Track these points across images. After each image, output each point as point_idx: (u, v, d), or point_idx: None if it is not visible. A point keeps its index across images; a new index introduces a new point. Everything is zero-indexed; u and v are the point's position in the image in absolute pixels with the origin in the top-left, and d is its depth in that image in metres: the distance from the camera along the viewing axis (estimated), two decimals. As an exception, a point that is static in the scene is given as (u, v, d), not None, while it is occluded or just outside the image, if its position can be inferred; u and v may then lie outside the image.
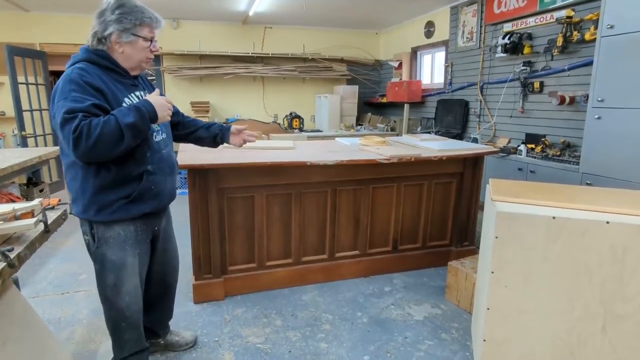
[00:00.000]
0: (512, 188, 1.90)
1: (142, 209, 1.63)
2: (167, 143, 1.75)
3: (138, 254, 1.70)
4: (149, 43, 1.61)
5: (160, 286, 2.00)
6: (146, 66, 1.70)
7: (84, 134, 1.36)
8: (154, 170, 1.63)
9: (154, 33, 1.62)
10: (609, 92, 2.91)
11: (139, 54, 1.60)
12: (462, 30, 5.18)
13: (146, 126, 1.51)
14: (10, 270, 1.27)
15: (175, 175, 1.79)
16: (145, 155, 1.60)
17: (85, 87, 1.45)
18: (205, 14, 6.04)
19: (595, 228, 1.48)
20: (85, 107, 1.41)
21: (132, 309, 1.74)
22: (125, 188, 1.58)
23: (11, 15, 5.79)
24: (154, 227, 1.79)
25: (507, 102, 4.50)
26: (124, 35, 1.55)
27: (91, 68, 1.52)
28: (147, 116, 1.49)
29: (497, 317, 1.69)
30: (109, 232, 1.63)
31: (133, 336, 1.79)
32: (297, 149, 3.06)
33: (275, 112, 7.05)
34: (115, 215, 1.59)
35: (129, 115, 1.44)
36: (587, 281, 1.54)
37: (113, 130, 1.40)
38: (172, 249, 2.01)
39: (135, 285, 1.72)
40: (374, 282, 2.96)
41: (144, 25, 1.58)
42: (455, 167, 3.06)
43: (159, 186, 1.67)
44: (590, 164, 3.08)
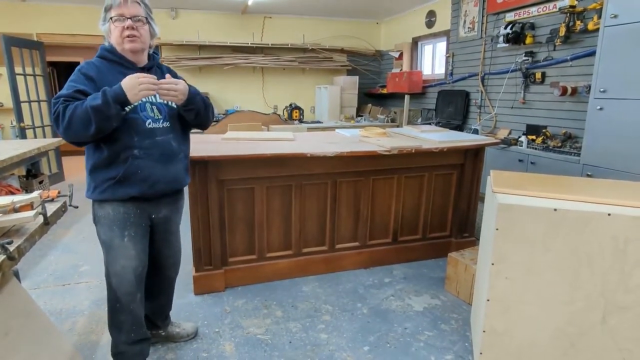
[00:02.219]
0: (513, 180, 1.89)
1: (128, 192, 1.65)
2: (167, 132, 1.71)
3: (128, 236, 1.70)
4: (120, 22, 1.61)
5: (159, 277, 2.00)
6: (132, 45, 1.63)
7: (60, 116, 1.49)
8: (140, 154, 1.63)
9: (120, 10, 1.60)
10: (611, 83, 2.89)
11: (116, 37, 1.63)
12: (463, 20, 5.13)
13: (109, 108, 1.47)
14: (10, 263, 1.27)
15: (173, 165, 1.74)
16: (133, 139, 1.61)
17: (79, 77, 1.59)
18: (204, 4, 5.98)
19: (597, 220, 1.47)
20: (69, 93, 1.52)
21: (122, 291, 1.75)
22: (112, 169, 1.63)
23: (7, 5, 5.73)
24: (151, 214, 1.78)
25: (508, 93, 4.47)
26: (104, 27, 1.67)
27: (99, 62, 1.66)
28: (110, 99, 1.47)
29: (498, 308, 1.70)
30: (101, 211, 1.71)
31: (128, 319, 1.80)
32: (297, 141, 3.05)
33: (275, 103, 7.02)
34: (104, 194, 1.66)
35: (96, 99, 1.48)
36: (588, 273, 1.54)
37: (82, 112, 1.47)
38: (175, 242, 1.98)
39: (124, 267, 1.72)
40: (374, 274, 2.96)
41: (109, 9, 1.63)
42: (455, 158, 3.05)
43: (146, 171, 1.65)
44: (592, 155, 3.07)
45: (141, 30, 1.65)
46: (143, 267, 1.78)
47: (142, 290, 1.83)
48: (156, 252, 1.91)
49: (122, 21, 1.61)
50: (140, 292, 1.81)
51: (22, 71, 5.33)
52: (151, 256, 1.88)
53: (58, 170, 5.88)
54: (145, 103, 1.67)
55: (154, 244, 1.87)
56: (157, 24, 1.77)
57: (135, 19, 1.62)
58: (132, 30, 1.61)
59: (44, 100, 5.82)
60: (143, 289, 1.84)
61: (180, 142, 1.78)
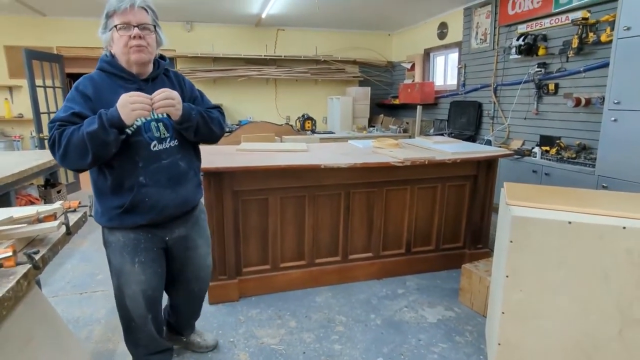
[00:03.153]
0: (527, 192, 1.89)
1: (136, 221, 1.58)
2: (175, 151, 1.61)
3: (138, 262, 1.65)
4: (125, 30, 1.47)
5: (184, 292, 1.95)
6: (139, 56, 1.50)
7: (56, 144, 1.39)
8: (146, 182, 1.54)
9: (125, 17, 1.46)
10: (625, 95, 2.88)
11: (120, 47, 1.50)
12: (475, 31, 5.15)
13: (106, 132, 1.36)
14: (35, 272, 1.31)
15: (182, 186, 1.65)
16: (137, 166, 1.52)
17: (75, 96, 1.48)
18: (219, 17, 6.11)
19: (612, 233, 1.47)
20: (65, 117, 1.42)
21: (136, 313, 1.74)
22: (118, 198, 1.55)
23: (29, 19, 5.93)
24: (164, 237, 1.71)
25: (521, 104, 4.46)
26: (105, 35, 1.54)
27: (98, 75, 1.55)
28: (106, 123, 1.36)
29: (512, 321, 1.69)
30: (111, 237, 1.66)
31: (144, 336, 1.82)
32: (310, 152, 3.08)
33: (288, 114, 7.09)
34: (112, 222, 1.60)
35: (93, 124, 1.37)
36: (603, 286, 1.53)
37: (78, 140, 1.37)
38: (198, 257, 1.86)
39: (136, 292, 1.69)
40: (387, 285, 2.96)
41: (112, 16, 1.49)
42: (469, 169, 3.06)
43: (154, 198, 1.56)
44: (607, 166, 3.04)
45: (149, 39, 1.51)
46: (153, 291, 1.74)
47: (156, 309, 1.81)
48: (177, 271, 1.85)
49: (127, 30, 1.47)
50: (153, 312, 1.79)
51: (42, 83, 5.50)
52: (173, 274, 1.85)
53: (75, 179, 6.00)
54: (150, 122, 1.56)
55: (174, 263, 1.82)
56: (170, 37, 1.66)
57: (142, 27, 1.49)
58: (139, 40, 1.47)
59: (63, 112, 5.97)
60: (158, 307, 1.83)
61: (189, 160, 1.70)
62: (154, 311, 1.80)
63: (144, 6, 1.51)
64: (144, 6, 1.51)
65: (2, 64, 5.99)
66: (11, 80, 6.05)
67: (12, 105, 6.14)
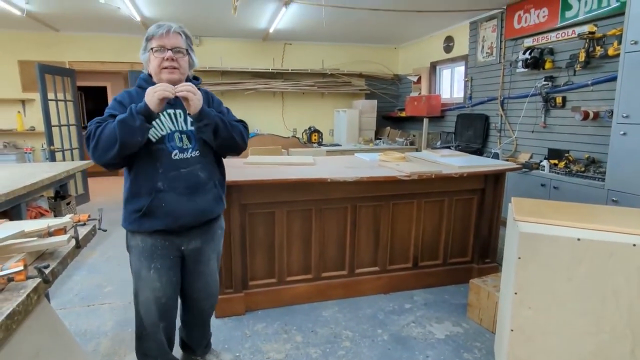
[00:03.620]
0: (535, 207, 1.88)
1: (154, 225, 1.66)
2: (195, 162, 1.68)
3: (154, 268, 1.71)
4: (160, 52, 1.61)
5: (193, 309, 1.97)
6: (170, 76, 1.62)
7: (91, 136, 1.54)
8: (164, 188, 1.63)
9: (161, 41, 1.61)
10: (634, 108, 2.87)
11: (155, 67, 1.64)
12: (481, 45, 5.18)
13: (136, 120, 1.48)
14: (45, 286, 1.32)
15: (200, 196, 1.71)
16: (157, 172, 1.62)
17: (114, 104, 1.65)
18: (227, 32, 6.21)
19: (622, 250, 1.45)
20: (103, 117, 1.59)
21: (147, 322, 1.77)
22: (138, 201, 1.65)
23: (43, 35, 6.08)
24: (180, 246, 1.76)
25: (528, 117, 4.46)
26: (144, 56, 1.69)
27: (135, 91, 1.70)
28: (134, 111, 1.49)
29: (521, 338, 1.67)
30: (133, 241, 1.75)
31: (154, 346, 1.83)
32: (317, 165, 3.10)
33: (294, 127, 7.14)
34: (132, 226, 1.70)
35: (122, 115, 1.52)
36: (613, 303, 1.50)
37: (110, 129, 1.51)
38: (207, 273, 1.89)
39: (149, 298, 1.73)
40: (394, 299, 2.94)
41: (151, 39, 1.64)
42: (476, 183, 3.04)
43: (170, 205, 1.64)
44: (616, 180, 3.02)
45: (181, 61, 1.64)
46: (167, 299, 1.77)
47: (168, 319, 1.83)
48: (187, 284, 1.87)
49: (162, 52, 1.60)
50: (165, 321, 1.81)
51: (54, 97, 5.60)
52: (184, 286, 1.87)
53: (84, 191, 6.07)
54: (174, 132, 1.65)
55: (185, 275, 1.85)
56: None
57: (176, 50, 1.62)
58: (171, 61, 1.61)
59: (73, 124, 6.07)
60: (171, 318, 1.85)
61: (210, 171, 1.75)
62: (166, 320, 1.82)
63: (179, 31, 1.65)
64: (179, 31, 1.65)
65: (15, 78, 6.13)
66: (24, 94, 6.18)
67: (24, 118, 6.26)
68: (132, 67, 6.38)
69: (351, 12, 4.77)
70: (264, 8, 4.84)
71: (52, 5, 4.61)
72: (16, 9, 4.61)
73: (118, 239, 4.26)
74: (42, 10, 4.89)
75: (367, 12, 4.80)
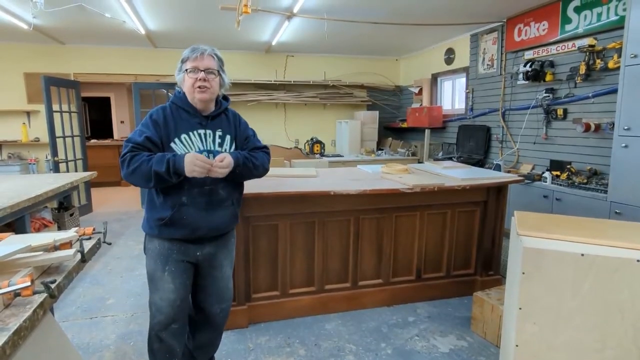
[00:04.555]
0: (538, 222, 1.88)
1: (172, 234, 1.78)
2: (216, 180, 1.77)
3: (169, 270, 1.80)
4: (194, 73, 1.74)
5: (204, 313, 1.99)
6: (202, 95, 1.75)
7: (126, 163, 1.66)
8: (188, 202, 1.75)
9: (195, 63, 1.74)
10: (635, 121, 2.88)
11: (188, 87, 1.76)
12: (482, 57, 5.22)
13: (170, 176, 1.64)
14: (51, 301, 1.33)
15: (218, 212, 1.82)
16: (183, 187, 1.74)
17: (149, 123, 1.75)
18: (231, 44, 6.28)
19: (626, 266, 1.45)
20: (140, 141, 1.69)
21: (157, 320, 1.83)
22: (162, 211, 1.76)
23: (49, 48, 6.16)
24: (195, 252, 1.84)
25: (530, 129, 4.48)
26: (179, 76, 1.82)
27: (169, 107, 1.81)
28: (171, 170, 1.63)
29: (526, 354, 1.66)
30: (150, 245, 1.85)
31: (161, 348, 1.86)
32: (319, 177, 3.11)
33: (297, 137, 7.18)
34: (153, 231, 1.81)
35: (161, 164, 1.63)
36: (619, 319, 1.50)
37: (145, 170, 1.64)
38: (222, 278, 1.96)
39: (162, 298, 1.81)
40: (398, 312, 2.93)
41: (186, 61, 1.77)
42: (478, 195, 3.05)
43: (191, 218, 1.76)
44: (619, 192, 3.02)
45: (212, 82, 1.76)
46: (181, 301, 1.83)
47: (180, 322, 1.86)
48: (201, 286, 1.94)
49: (195, 73, 1.73)
50: (177, 323, 1.84)
51: (59, 108, 5.66)
52: (197, 291, 1.94)
53: (87, 201, 6.09)
54: (202, 152, 1.78)
55: (199, 279, 1.92)
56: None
57: (209, 72, 1.74)
58: (203, 82, 1.73)
59: (78, 136, 6.12)
60: (183, 321, 1.88)
61: (230, 191, 1.85)
62: (178, 323, 1.85)
63: (212, 54, 1.79)
64: (212, 54, 1.79)
65: (21, 90, 6.19)
66: (29, 105, 6.25)
67: (29, 130, 6.31)
68: (137, 78, 6.45)
69: (353, 25, 4.83)
70: (267, 21, 4.90)
71: (59, 19, 4.68)
72: (24, 23, 4.68)
73: (120, 251, 4.27)
74: (49, 24, 4.97)
75: (368, 25, 4.86)
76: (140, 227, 1.90)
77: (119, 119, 9.95)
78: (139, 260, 3.99)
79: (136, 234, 4.85)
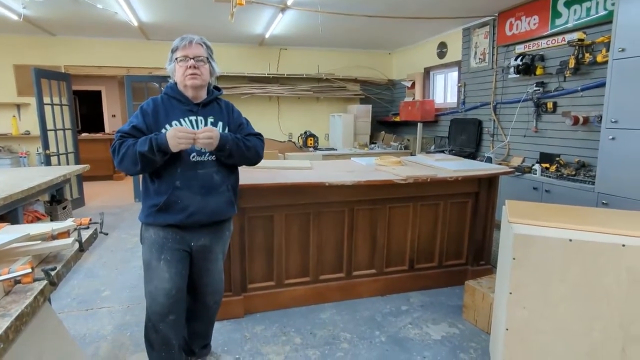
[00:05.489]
0: (528, 210, 1.94)
1: (167, 219, 1.79)
2: (211, 165, 1.82)
3: (164, 259, 1.81)
4: (184, 61, 1.78)
5: (197, 303, 2.04)
6: (193, 81, 1.79)
7: (116, 151, 1.72)
8: (181, 185, 1.78)
9: (184, 51, 1.78)
10: (622, 114, 2.95)
11: (179, 75, 1.81)
12: (474, 51, 5.27)
13: (154, 154, 1.66)
14: (51, 288, 1.35)
15: (213, 197, 1.83)
16: (176, 170, 1.77)
17: (138, 113, 1.81)
18: (224, 37, 6.26)
19: (612, 251, 1.51)
20: (127, 129, 1.76)
21: (152, 310, 1.85)
22: (156, 197, 1.79)
23: (39, 39, 6.08)
24: (190, 241, 1.86)
25: (520, 122, 4.54)
26: (169, 66, 1.87)
27: (160, 98, 1.87)
28: (154, 147, 1.65)
29: (516, 338, 1.72)
30: (146, 234, 1.88)
31: (157, 338, 1.88)
32: (314, 169, 3.14)
33: (290, 131, 7.19)
34: (148, 219, 1.83)
35: (144, 145, 1.66)
36: (605, 303, 1.56)
37: (131, 154, 1.69)
38: (214, 270, 2.00)
39: (157, 287, 1.82)
40: (391, 301, 2.98)
41: (176, 50, 1.82)
42: (470, 186, 3.11)
43: (185, 201, 1.78)
44: (606, 184, 3.10)
45: (202, 69, 1.80)
46: (177, 291, 1.84)
47: (177, 313, 1.87)
48: (195, 278, 1.97)
49: (185, 61, 1.78)
50: (173, 314, 1.86)
51: (50, 101, 5.60)
52: (191, 281, 1.95)
53: (79, 195, 6.06)
54: None
55: (193, 270, 1.94)
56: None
57: (198, 59, 1.79)
58: (194, 69, 1.77)
59: (69, 129, 6.07)
60: (180, 311, 1.90)
61: (224, 176, 1.88)
62: (175, 313, 1.86)
63: (201, 42, 1.83)
64: (201, 42, 1.83)
65: (11, 83, 6.12)
66: (19, 98, 6.17)
67: (19, 123, 6.24)
68: (129, 71, 6.40)
69: (346, 18, 4.84)
70: (261, 14, 4.89)
71: (50, 10, 4.63)
72: (13, 13, 4.61)
73: (114, 244, 4.27)
74: (39, 15, 4.90)
75: (362, 18, 4.88)
76: (136, 218, 1.92)
77: (111, 113, 9.87)
78: (133, 252, 4.00)
79: (130, 227, 4.85)
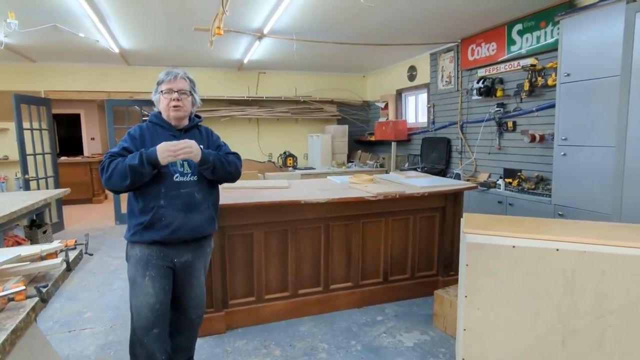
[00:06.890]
0: (482, 221, 2.15)
1: (152, 237, 1.90)
2: (193, 185, 1.96)
3: (149, 275, 1.92)
4: (168, 94, 1.95)
5: (180, 317, 2.13)
6: (176, 113, 1.97)
7: (105, 169, 1.84)
8: (165, 204, 1.90)
9: (169, 85, 1.96)
10: (571, 132, 3.24)
11: (164, 106, 1.98)
12: (441, 74, 5.61)
13: (143, 167, 1.78)
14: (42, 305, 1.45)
15: (195, 214, 1.96)
16: (160, 191, 1.90)
17: (126, 137, 1.97)
18: (203, 62, 6.46)
19: (548, 254, 1.72)
20: (117, 151, 1.89)
21: (137, 325, 1.95)
22: (141, 216, 1.91)
23: (19, 65, 6.15)
24: (173, 258, 1.97)
25: (485, 140, 4.85)
26: (155, 97, 2.04)
27: (145, 125, 2.03)
28: (144, 160, 1.78)
29: (473, 337, 1.90)
30: (132, 252, 1.98)
31: (142, 353, 1.97)
32: (291, 188, 3.31)
33: (270, 151, 7.37)
34: (134, 237, 1.94)
35: (134, 158, 1.79)
36: (545, 301, 1.76)
37: (120, 168, 1.80)
38: (198, 286, 2.11)
39: (143, 303, 1.91)
40: (367, 313, 3.13)
41: (162, 83, 1.99)
42: (437, 201, 3.33)
43: (169, 219, 1.90)
44: (561, 196, 3.36)
45: (185, 101, 1.98)
46: (161, 305, 1.94)
47: (161, 327, 1.97)
48: (178, 293, 2.07)
49: (170, 94, 1.95)
50: (157, 328, 1.95)
51: (30, 126, 5.64)
52: (175, 296, 2.05)
53: (58, 219, 6.04)
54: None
55: (177, 285, 2.05)
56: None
57: (181, 92, 1.96)
58: (177, 101, 1.95)
59: (48, 153, 6.10)
60: (164, 325, 1.99)
61: (206, 194, 2.02)
62: (159, 327, 1.96)
63: (185, 77, 2.01)
64: (185, 77, 2.01)
65: (-11, 108, 6.12)
66: (-2, 124, 6.18)
67: (-3, 148, 6.23)
68: (110, 95, 6.50)
69: (321, 44, 5.11)
70: (239, 41, 5.12)
71: (31, 38, 4.74)
72: (-6, 42, 4.71)
73: (95, 267, 4.31)
74: (20, 43, 5.00)
75: (335, 45, 5.16)
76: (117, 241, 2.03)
77: (90, 136, 9.87)
78: (116, 274, 4.05)
79: (111, 250, 4.88)
